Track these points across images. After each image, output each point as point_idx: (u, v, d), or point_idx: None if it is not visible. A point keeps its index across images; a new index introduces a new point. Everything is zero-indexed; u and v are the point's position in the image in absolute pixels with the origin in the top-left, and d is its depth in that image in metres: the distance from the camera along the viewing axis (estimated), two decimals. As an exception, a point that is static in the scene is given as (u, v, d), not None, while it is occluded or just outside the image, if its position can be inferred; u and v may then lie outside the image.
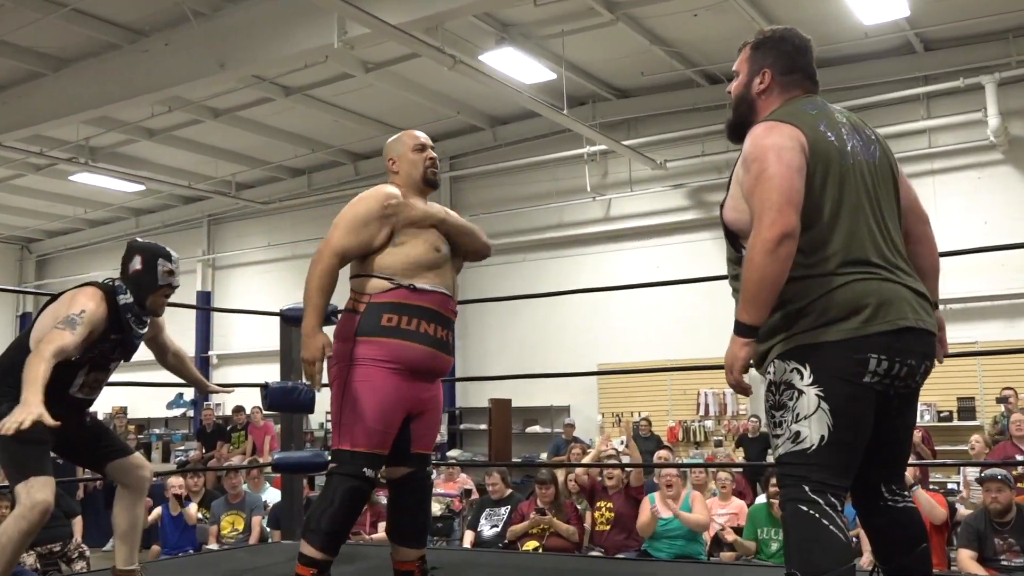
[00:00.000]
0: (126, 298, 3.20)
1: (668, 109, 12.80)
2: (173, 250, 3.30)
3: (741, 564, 5.30)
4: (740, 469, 8.58)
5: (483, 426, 13.18)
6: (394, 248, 2.89)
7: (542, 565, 4.75)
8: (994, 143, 10.90)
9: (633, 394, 12.94)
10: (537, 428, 13.24)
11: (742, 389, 2.27)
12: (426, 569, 3.08)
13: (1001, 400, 9.28)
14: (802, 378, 2.19)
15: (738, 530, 6.37)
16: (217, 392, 3.91)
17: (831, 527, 2.10)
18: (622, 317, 13.02)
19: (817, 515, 2.11)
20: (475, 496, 8.11)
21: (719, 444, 11.80)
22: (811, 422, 2.16)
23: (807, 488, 2.14)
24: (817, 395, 2.16)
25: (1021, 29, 9.99)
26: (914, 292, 2.28)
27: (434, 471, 7.68)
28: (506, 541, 6.48)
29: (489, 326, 13.93)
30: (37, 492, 2.85)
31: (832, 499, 2.14)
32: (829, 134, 2.32)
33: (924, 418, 10.51)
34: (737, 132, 2.47)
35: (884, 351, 2.16)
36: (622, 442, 11.69)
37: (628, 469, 6.86)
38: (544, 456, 11.83)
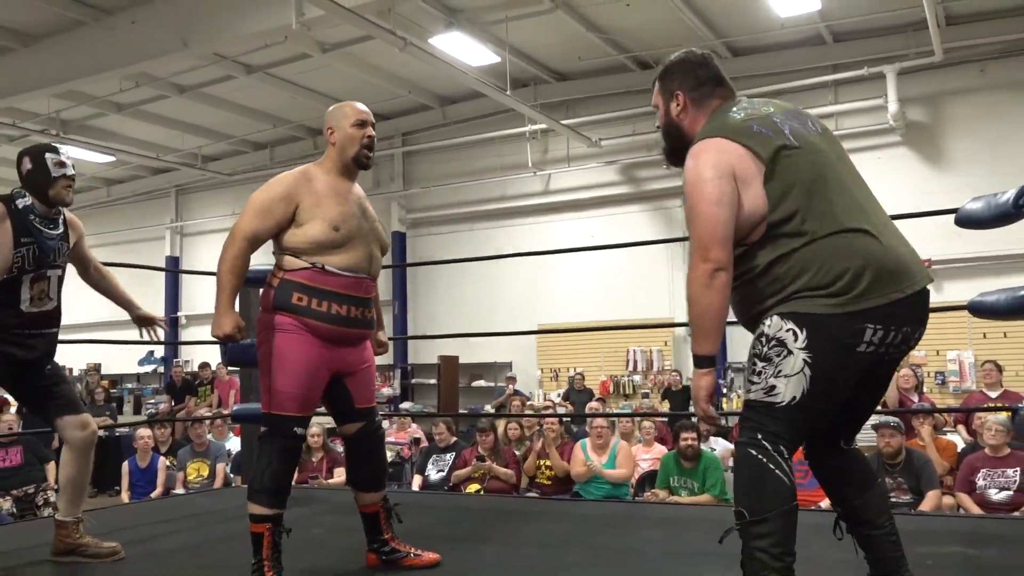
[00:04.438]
0: (25, 200, 3.08)
1: (603, 92, 12.73)
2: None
3: (660, 503, 5.34)
4: (664, 418, 8.64)
5: (432, 381, 13.16)
6: (299, 228, 2.78)
7: (483, 505, 4.74)
8: (893, 127, 11.04)
9: (569, 351, 13.00)
10: (482, 382, 13.25)
11: (709, 419, 2.22)
12: (389, 507, 3.05)
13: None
14: (796, 340, 2.09)
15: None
16: (149, 317, 3.66)
17: (777, 471, 2.06)
18: (559, 282, 13.05)
19: (764, 459, 2.07)
20: (424, 444, 8.07)
21: (646, 396, 11.91)
22: (789, 382, 2.09)
23: (760, 436, 2.09)
24: (804, 360, 2.08)
25: (920, 23, 10.07)
26: (908, 252, 2.19)
27: (386, 421, 7.62)
28: (450, 484, 6.46)
29: (438, 289, 13.87)
30: None
31: (782, 448, 2.09)
32: (764, 131, 2.20)
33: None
34: (674, 156, 2.40)
35: (880, 321, 2.08)
36: (558, 395, 11.76)
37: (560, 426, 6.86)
38: (488, 407, 11.84)
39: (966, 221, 3.26)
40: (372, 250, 2.89)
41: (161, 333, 3.70)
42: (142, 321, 3.63)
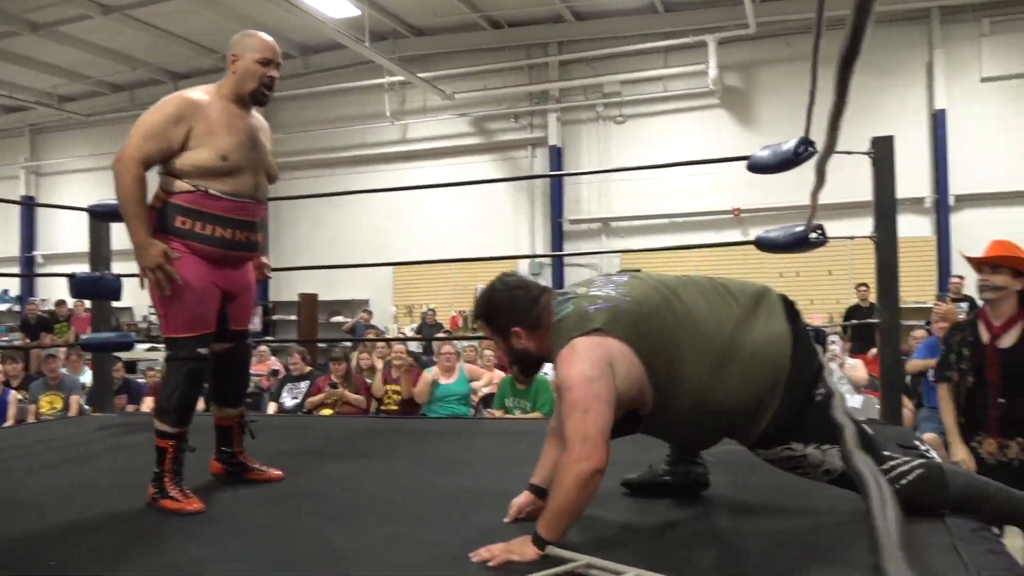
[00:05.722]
0: None
1: (457, 48, 12.59)
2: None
3: (496, 419, 5.47)
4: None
5: (293, 317, 12.86)
6: (187, 152, 2.57)
7: (333, 425, 4.70)
8: (713, 91, 11.46)
9: (422, 289, 12.98)
10: (340, 318, 13.04)
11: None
12: (244, 423, 2.96)
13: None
14: (795, 450, 2.09)
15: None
16: None
17: None
18: (414, 225, 12.96)
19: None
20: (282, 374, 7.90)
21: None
22: (825, 458, 2.08)
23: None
24: (813, 451, 2.09)
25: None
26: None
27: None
28: (304, 410, 6.37)
29: (299, 231, 13.48)
30: None
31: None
32: (600, 305, 2.04)
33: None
34: (532, 372, 2.25)
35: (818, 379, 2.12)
36: (412, 329, 11.75)
37: (410, 356, 6.86)
38: (347, 343, 11.67)
39: (756, 167, 3.43)
40: (259, 179, 2.74)
41: None
42: None
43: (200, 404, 2.88)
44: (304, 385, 6.58)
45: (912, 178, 10.34)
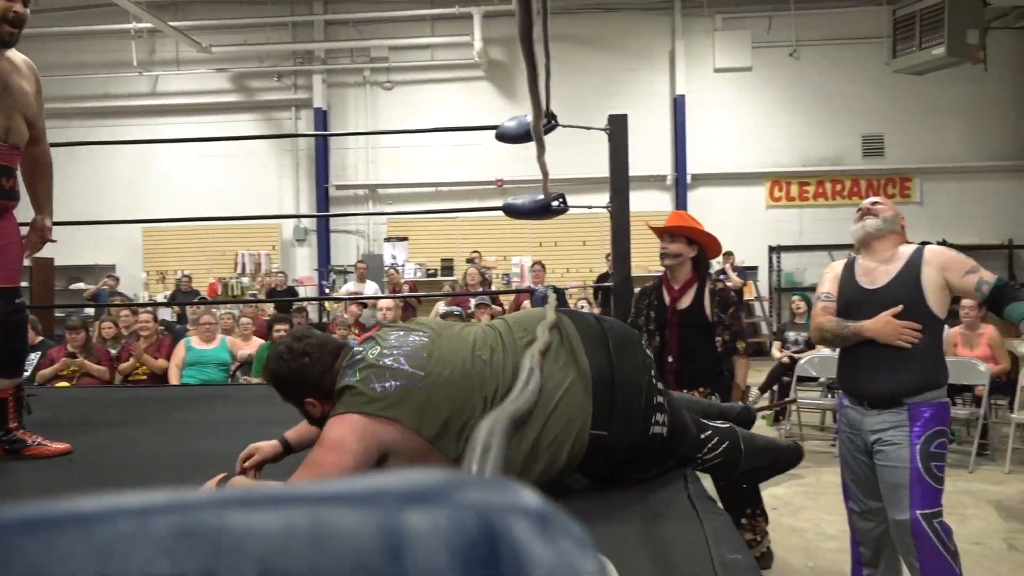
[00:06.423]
0: None
1: (214, -2, 11.90)
2: None
3: (248, 385, 5.38)
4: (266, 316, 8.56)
5: (25, 284, 11.60)
6: None
7: (71, 396, 4.39)
8: (478, 63, 11.73)
9: (177, 254, 12.23)
10: (82, 285, 11.97)
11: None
12: (21, 396, 2.68)
13: (470, 260, 10.31)
14: (640, 477, 2.14)
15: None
16: None
17: None
18: (167, 185, 12.16)
19: None
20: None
21: (254, 295, 11.66)
22: None
23: None
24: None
25: (502, -26, 10.76)
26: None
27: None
28: (35, 384, 5.83)
29: (31, 189, 12.17)
30: None
31: None
32: (388, 384, 1.81)
33: (416, 274, 11.34)
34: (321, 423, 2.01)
35: None
36: (165, 296, 11.09)
37: (161, 325, 6.53)
38: (91, 311, 10.75)
39: (504, 136, 3.61)
40: (12, 123, 2.49)
41: None
42: None
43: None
44: (34, 356, 6.01)
45: (656, 157, 11.29)
